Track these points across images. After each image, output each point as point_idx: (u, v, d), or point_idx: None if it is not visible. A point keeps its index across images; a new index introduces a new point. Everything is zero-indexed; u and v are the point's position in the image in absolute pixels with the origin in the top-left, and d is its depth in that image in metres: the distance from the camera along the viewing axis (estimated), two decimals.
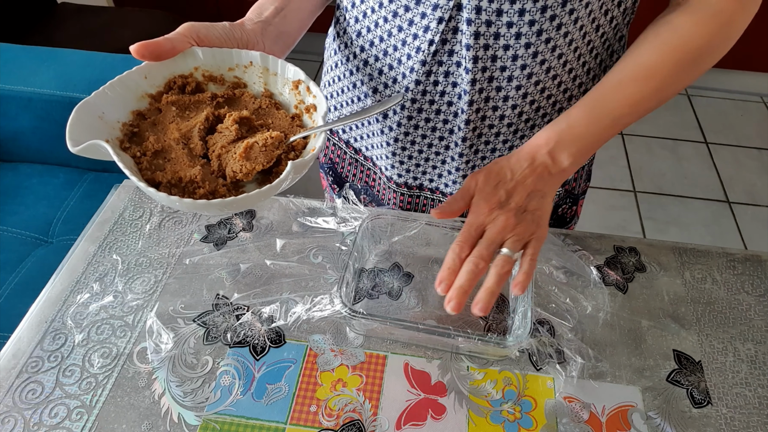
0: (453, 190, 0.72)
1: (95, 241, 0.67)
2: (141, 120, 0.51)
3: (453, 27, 0.56)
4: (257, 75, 0.55)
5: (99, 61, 1.27)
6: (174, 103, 0.52)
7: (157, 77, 0.52)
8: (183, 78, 0.53)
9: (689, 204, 1.98)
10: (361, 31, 0.63)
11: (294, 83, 0.54)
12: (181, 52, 0.51)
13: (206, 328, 0.59)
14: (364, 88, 0.67)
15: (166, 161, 0.49)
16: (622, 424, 0.53)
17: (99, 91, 0.49)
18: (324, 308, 0.61)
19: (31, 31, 1.75)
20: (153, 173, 0.47)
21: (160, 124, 0.51)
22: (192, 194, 0.47)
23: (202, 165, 0.49)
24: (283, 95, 0.55)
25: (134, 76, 0.51)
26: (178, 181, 0.47)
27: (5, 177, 1.28)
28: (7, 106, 1.22)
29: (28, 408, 0.52)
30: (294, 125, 0.53)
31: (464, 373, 0.56)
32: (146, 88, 0.52)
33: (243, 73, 0.55)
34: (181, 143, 0.50)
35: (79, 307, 0.60)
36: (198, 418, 0.52)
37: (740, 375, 0.57)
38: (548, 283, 0.63)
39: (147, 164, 0.48)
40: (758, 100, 2.42)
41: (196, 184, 0.47)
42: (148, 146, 0.49)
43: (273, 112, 0.54)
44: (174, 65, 0.52)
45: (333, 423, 0.53)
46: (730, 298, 0.63)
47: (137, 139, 0.50)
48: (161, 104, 0.52)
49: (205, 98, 0.53)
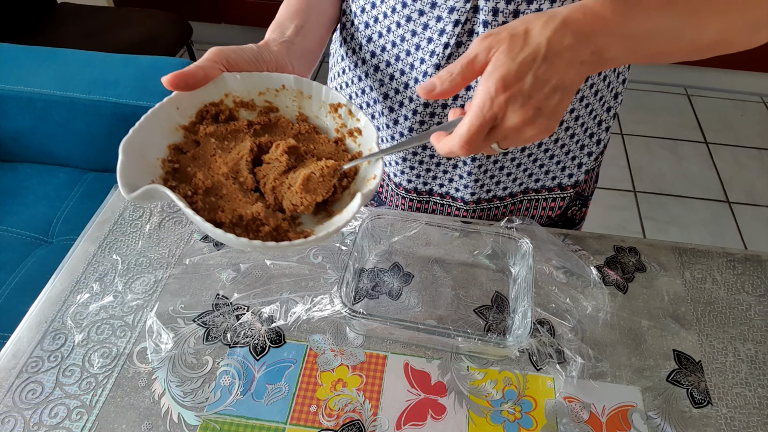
0: (464, 195, 0.72)
1: (95, 241, 0.67)
2: (179, 154, 0.49)
3: (469, 29, 0.56)
4: (290, 98, 0.53)
5: (99, 61, 1.27)
6: (212, 134, 0.50)
7: (189, 107, 0.50)
8: (215, 106, 0.51)
9: (689, 204, 1.98)
10: (371, 36, 0.63)
11: (332, 106, 0.52)
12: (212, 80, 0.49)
13: (206, 328, 0.59)
14: (374, 93, 0.67)
15: (219, 198, 0.47)
16: (622, 424, 0.53)
17: (135, 127, 0.46)
18: (324, 308, 0.61)
19: (31, 31, 1.75)
20: (210, 212, 0.45)
21: (201, 158, 0.49)
22: (256, 232, 0.45)
23: (257, 199, 0.47)
24: (320, 118, 0.53)
25: (167, 108, 0.48)
26: (239, 219, 0.45)
27: (5, 177, 1.28)
28: (7, 106, 1.22)
29: (28, 408, 0.52)
30: (339, 150, 0.52)
31: (464, 373, 0.56)
32: (179, 120, 0.50)
33: (274, 97, 0.53)
34: (230, 178, 0.48)
35: (79, 307, 0.60)
36: (198, 418, 0.52)
37: (740, 375, 0.57)
38: (548, 283, 0.63)
39: (202, 204, 0.46)
40: (758, 100, 2.42)
41: (259, 221, 0.45)
42: (198, 184, 0.46)
43: (314, 137, 0.52)
44: (205, 93, 0.50)
45: (333, 423, 0.53)
46: (730, 298, 0.63)
47: (179, 176, 0.48)
48: (198, 136, 0.50)
49: (241, 126, 0.51)
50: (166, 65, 1.26)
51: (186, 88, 0.48)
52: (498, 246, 0.64)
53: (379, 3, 0.60)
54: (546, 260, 0.65)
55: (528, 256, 0.60)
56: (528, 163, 0.70)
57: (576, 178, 0.74)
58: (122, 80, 1.21)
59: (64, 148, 1.29)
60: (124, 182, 0.42)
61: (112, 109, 1.19)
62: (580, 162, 0.72)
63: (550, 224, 0.79)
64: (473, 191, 0.71)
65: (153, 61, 1.28)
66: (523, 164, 0.70)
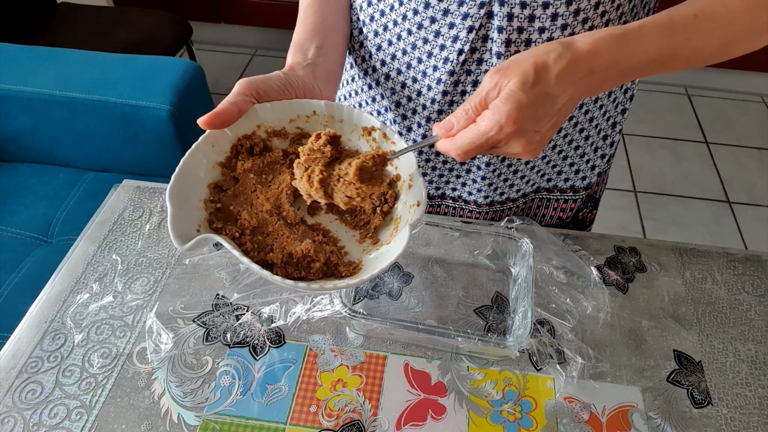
0: (477, 198, 0.72)
1: (95, 241, 0.67)
2: (220, 193, 0.48)
3: (483, 35, 0.55)
4: (321, 124, 0.52)
5: (99, 61, 1.27)
6: (250, 169, 0.49)
7: (224, 143, 0.49)
8: (248, 139, 0.50)
9: (689, 204, 1.98)
10: (381, 45, 0.62)
11: (366, 129, 0.51)
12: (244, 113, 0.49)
13: (206, 328, 0.59)
14: (385, 102, 0.66)
15: (266, 236, 0.46)
16: (623, 425, 0.53)
17: (176, 173, 0.45)
18: (324, 308, 0.61)
19: (31, 31, 1.75)
20: (259, 253, 0.45)
21: (242, 195, 0.48)
22: (308, 269, 0.45)
23: (303, 233, 0.47)
24: (352, 141, 0.52)
25: (203, 147, 0.48)
26: (289, 258, 0.45)
27: (5, 177, 1.28)
28: (7, 106, 1.22)
29: (27, 408, 0.52)
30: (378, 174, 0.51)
31: (464, 373, 0.56)
32: (215, 157, 0.49)
33: (305, 123, 0.52)
34: (274, 214, 0.48)
35: (78, 307, 0.60)
36: (198, 418, 0.52)
37: (740, 375, 0.57)
38: (548, 283, 0.63)
39: (251, 244, 0.45)
40: (758, 100, 2.42)
41: (309, 258, 0.45)
42: (244, 224, 0.46)
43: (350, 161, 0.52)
44: (237, 127, 0.49)
45: (333, 423, 0.52)
46: (730, 298, 0.63)
47: (223, 215, 0.47)
48: (237, 173, 0.49)
49: (277, 158, 0.51)
50: (166, 65, 1.26)
51: (222, 126, 0.47)
52: (498, 246, 0.64)
53: (389, 11, 0.59)
54: (546, 260, 0.65)
55: (528, 256, 0.60)
56: (542, 165, 0.70)
57: (589, 180, 0.74)
58: (122, 80, 1.21)
59: (64, 148, 1.29)
60: (176, 234, 0.41)
61: (112, 109, 1.19)
62: (593, 164, 0.72)
63: (561, 226, 0.79)
64: (486, 194, 0.71)
65: (153, 61, 1.28)
66: (537, 166, 0.70)
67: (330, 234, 0.50)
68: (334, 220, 0.52)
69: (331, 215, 0.52)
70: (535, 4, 0.52)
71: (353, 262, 0.47)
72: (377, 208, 0.50)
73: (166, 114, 1.16)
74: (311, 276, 0.45)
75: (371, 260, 0.47)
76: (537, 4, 0.52)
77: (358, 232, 0.51)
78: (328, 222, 0.52)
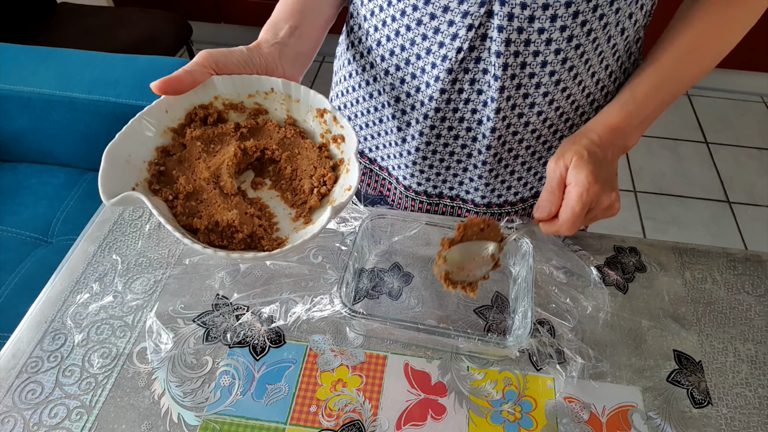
0: (474, 197, 0.72)
1: (95, 241, 0.67)
2: (166, 157, 0.49)
3: (482, 34, 0.55)
4: (279, 102, 0.53)
5: (99, 60, 1.27)
6: (198, 137, 0.50)
7: (178, 110, 0.50)
8: (204, 108, 0.51)
9: (689, 204, 1.98)
10: (380, 40, 0.62)
11: (319, 111, 0.52)
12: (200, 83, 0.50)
13: (206, 328, 0.59)
14: (382, 98, 0.66)
15: (199, 203, 0.47)
16: (623, 425, 0.53)
17: (121, 132, 0.47)
18: (324, 308, 0.61)
19: (31, 31, 1.75)
20: (188, 218, 0.46)
21: (187, 161, 0.49)
22: (230, 239, 0.46)
23: (236, 204, 0.47)
24: (307, 122, 0.54)
25: (155, 111, 0.49)
26: (215, 225, 0.46)
27: (5, 177, 1.28)
28: (7, 106, 1.22)
29: (27, 408, 0.52)
30: (322, 156, 0.52)
31: (464, 373, 0.56)
32: (168, 123, 0.50)
33: (264, 99, 0.53)
34: (212, 182, 0.48)
35: (78, 307, 0.60)
36: (198, 418, 0.52)
37: (740, 375, 0.57)
38: (548, 283, 0.63)
39: (181, 208, 0.46)
40: (758, 100, 2.42)
41: (233, 228, 0.46)
42: (179, 188, 0.47)
43: (299, 142, 0.53)
44: (194, 96, 0.51)
45: (333, 423, 0.52)
46: (730, 298, 0.63)
47: (165, 179, 0.48)
48: (185, 139, 0.50)
49: (228, 130, 0.52)
50: (166, 65, 1.26)
51: (174, 92, 0.48)
52: None
53: (387, 6, 0.59)
54: (546, 260, 0.65)
55: (528, 256, 0.60)
56: (539, 167, 0.70)
57: None
58: (122, 80, 1.21)
59: (64, 148, 1.29)
60: (104, 189, 0.43)
61: (112, 108, 1.19)
62: None
63: None
64: (483, 194, 0.71)
65: (153, 61, 1.28)
66: (534, 167, 0.70)
67: (267, 209, 0.51)
68: (275, 196, 0.53)
69: (273, 191, 0.53)
70: (535, 5, 0.52)
71: (280, 238, 0.48)
72: (314, 189, 0.50)
73: None
74: (233, 246, 0.46)
75: (296, 238, 0.47)
76: (537, 5, 0.52)
77: (294, 211, 0.51)
78: (269, 197, 0.52)
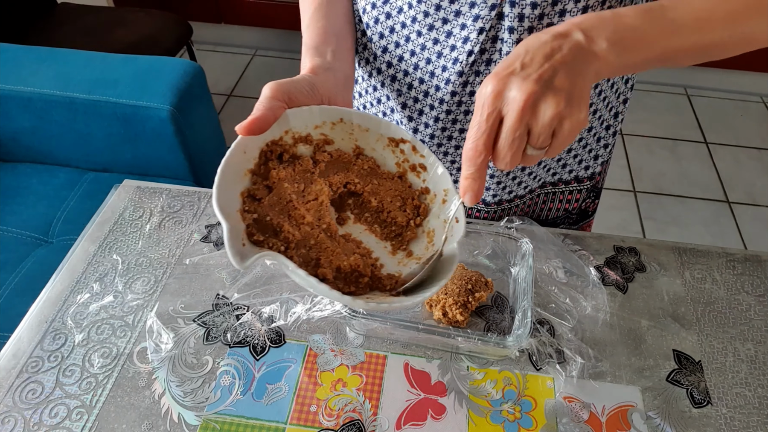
0: (485, 197, 0.72)
1: (95, 241, 0.67)
2: (253, 202, 0.46)
3: (492, 36, 0.55)
4: (347, 132, 0.51)
5: (99, 61, 1.27)
6: (284, 178, 0.47)
7: (253, 149, 0.47)
8: (277, 145, 0.48)
9: (689, 204, 1.98)
10: (387, 47, 0.62)
11: (393, 140, 0.51)
12: None
13: (206, 328, 0.59)
14: (391, 103, 0.66)
15: (309, 250, 0.45)
16: (622, 424, 0.53)
17: (217, 183, 0.42)
18: (324, 308, 0.61)
19: (31, 31, 1.75)
20: (307, 267, 0.43)
21: (278, 206, 0.46)
22: (356, 283, 0.44)
23: (343, 246, 0.46)
24: (376, 151, 0.52)
25: (237, 154, 0.45)
26: (337, 271, 0.44)
27: (5, 177, 1.28)
28: (7, 106, 1.22)
29: (28, 408, 0.52)
30: (405, 186, 0.51)
31: (464, 373, 0.56)
32: (247, 164, 0.46)
33: (330, 130, 0.50)
34: (316, 227, 0.46)
35: (79, 307, 0.60)
36: (198, 418, 0.52)
37: (740, 375, 0.57)
38: (548, 283, 0.63)
39: (297, 258, 0.43)
40: (758, 100, 2.42)
41: (357, 273, 0.44)
42: (289, 237, 0.44)
43: (377, 172, 0.51)
44: (267, 132, 0.47)
45: (333, 423, 0.53)
46: (730, 298, 0.63)
47: (260, 227, 0.44)
48: (270, 182, 0.47)
49: (308, 166, 0.49)
50: (166, 65, 1.26)
51: (259, 132, 0.45)
52: (498, 246, 0.64)
53: (397, 14, 0.59)
54: (546, 260, 0.65)
55: (528, 256, 0.60)
56: (549, 161, 0.70)
57: (593, 170, 0.74)
58: (122, 80, 1.21)
59: (64, 148, 1.29)
60: (236, 252, 0.38)
61: (112, 109, 1.19)
62: (596, 154, 0.73)
63: (567, 217, 0.79)
64: (495, 193, 0.71)
65: (153, 61, 1.28)
66: (544, 161, 0.70)
67: (362, 245, 0.49)
68: (363, 230, 0.51)
69: (360, 225, 0.51)
70: (545, 3, 0.52)
71: (393, 275, 0.46)
72: (410, 221, 0.49)
73: (167, 114, 1.16)
74: (360, 291, 0.44)
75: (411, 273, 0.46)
76: (547, 2, 0.52)
77: (389, 244, 0.50)
78: (358, 232, 0.50)
